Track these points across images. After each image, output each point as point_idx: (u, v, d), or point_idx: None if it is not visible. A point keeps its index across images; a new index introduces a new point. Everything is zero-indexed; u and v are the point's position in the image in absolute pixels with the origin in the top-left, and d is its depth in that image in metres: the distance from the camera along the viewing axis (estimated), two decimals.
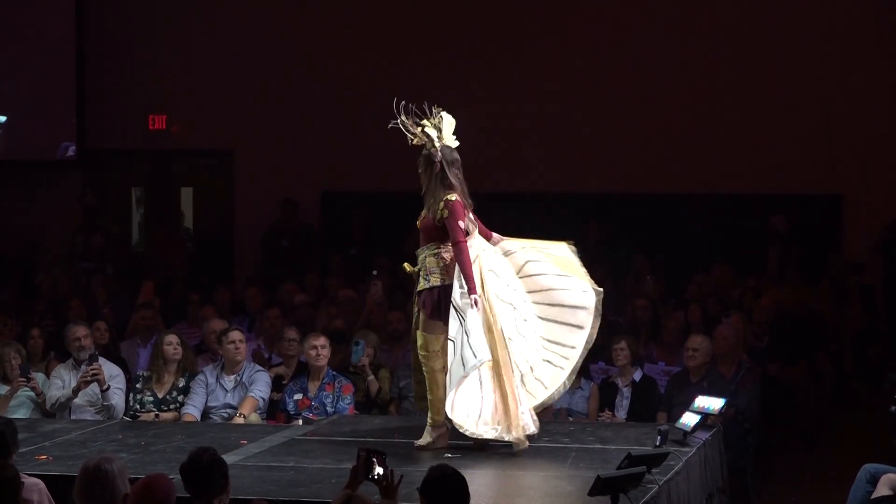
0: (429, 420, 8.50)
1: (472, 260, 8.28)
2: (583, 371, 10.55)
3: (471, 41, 16.37)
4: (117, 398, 10.10)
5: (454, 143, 8.47)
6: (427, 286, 8.41)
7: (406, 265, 8.62)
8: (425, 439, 8.46)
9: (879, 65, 15.66)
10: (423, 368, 8.50)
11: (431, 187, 8.44)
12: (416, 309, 8.55)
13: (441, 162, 8.39)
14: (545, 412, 10.33)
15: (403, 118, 8.40)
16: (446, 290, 8.34)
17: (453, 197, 8.34)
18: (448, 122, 8.46)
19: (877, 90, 15.64)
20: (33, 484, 6.76)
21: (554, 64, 16.22)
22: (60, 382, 10.17)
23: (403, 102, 8.37)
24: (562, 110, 16.12)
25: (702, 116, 15.93)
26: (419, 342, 8.47)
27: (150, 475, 6.13)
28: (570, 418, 10.25)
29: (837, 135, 15.65)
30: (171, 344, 10.18)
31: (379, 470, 6.12)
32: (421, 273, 8.44)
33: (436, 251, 8.42)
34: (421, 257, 8.49)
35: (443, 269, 8.38)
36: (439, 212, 8.35)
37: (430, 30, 16.47)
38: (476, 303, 8.16)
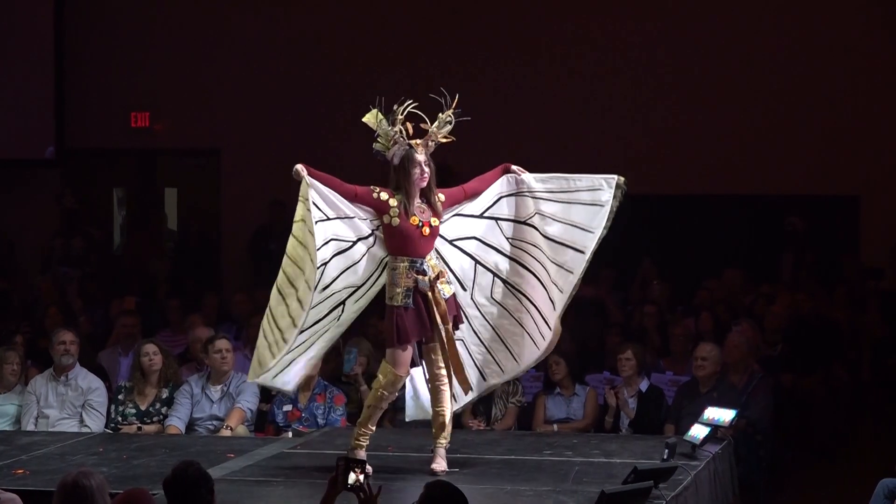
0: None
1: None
2: (578, 377, 10.60)
3: (464, 40, 16.33)
4: (96, 418, 10.13)
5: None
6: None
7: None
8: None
9: None
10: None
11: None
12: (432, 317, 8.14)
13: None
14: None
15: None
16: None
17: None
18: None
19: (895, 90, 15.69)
20: (9, 499, 6.77)
21: (559, 61, 16.23)
22: (35, 397, 10.17)
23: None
24: (565, 107, 16.11)
25: (711, 115, 15.93)
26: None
27: (130, 490, 6.12)
28: (555, 426, 10.28)
29: (855, 134, 15.65)
30: (148, 355, 10.20)
31: (358, 479, 6.12)
32: (440, 281, 8.21)
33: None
34: (432, 263, 8.29)
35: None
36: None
37: (419, 29, 16.44)
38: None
